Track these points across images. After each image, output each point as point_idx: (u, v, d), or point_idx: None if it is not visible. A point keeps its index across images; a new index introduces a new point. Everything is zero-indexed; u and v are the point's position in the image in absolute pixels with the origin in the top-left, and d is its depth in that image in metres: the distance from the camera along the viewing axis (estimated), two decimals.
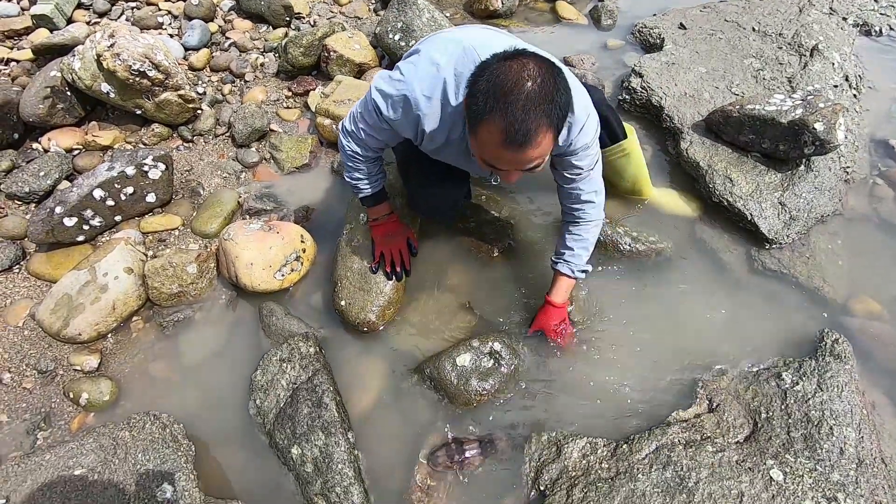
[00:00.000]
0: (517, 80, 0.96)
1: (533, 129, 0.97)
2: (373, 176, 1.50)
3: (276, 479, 1.38)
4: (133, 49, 1.96)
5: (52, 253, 1.82)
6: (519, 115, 0.96)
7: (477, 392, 1.47)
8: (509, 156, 1.03)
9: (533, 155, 1.03)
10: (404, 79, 1.20)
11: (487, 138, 1.02)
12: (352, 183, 1.51)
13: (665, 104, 2.13)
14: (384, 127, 1.29)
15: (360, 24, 2.78)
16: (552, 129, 1.00)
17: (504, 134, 0.98)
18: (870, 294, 1.66)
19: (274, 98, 2.42)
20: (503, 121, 0.97)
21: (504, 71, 0.97)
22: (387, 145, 1.43)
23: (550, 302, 1.53)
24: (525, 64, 0.98)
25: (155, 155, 1.94)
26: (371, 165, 1.47)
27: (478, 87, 1.00)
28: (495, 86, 0.97)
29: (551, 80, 0.98)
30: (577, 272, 1.49)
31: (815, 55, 2.26)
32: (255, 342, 1.64)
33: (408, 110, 1.21)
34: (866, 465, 1.25)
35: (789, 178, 1.84)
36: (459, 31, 1.29)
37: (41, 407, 1.54)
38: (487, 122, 1.00)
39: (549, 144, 1.03)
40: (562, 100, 1.00)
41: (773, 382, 1.42)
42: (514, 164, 1.07)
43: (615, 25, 2.81)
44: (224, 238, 1.74)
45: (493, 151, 1.05)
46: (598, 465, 1.31)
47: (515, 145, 0.99)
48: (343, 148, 1.43)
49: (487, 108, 0.98)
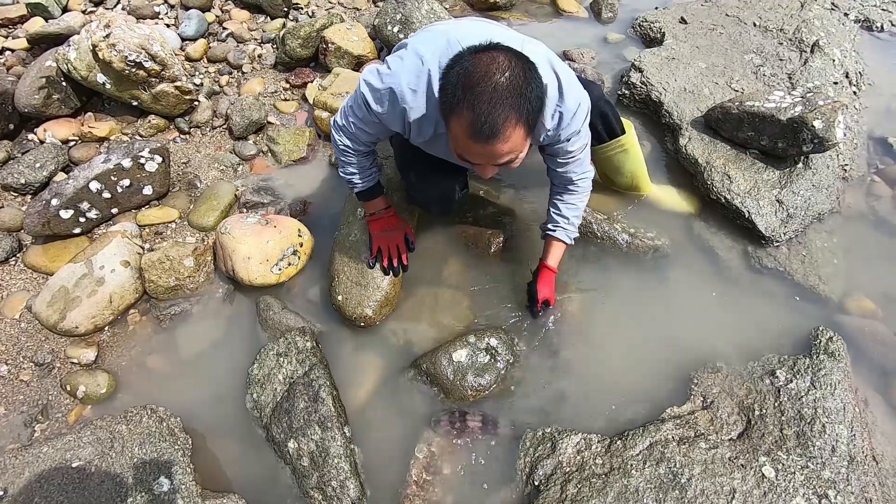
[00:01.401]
0: (485, 74, 0.96)
1: (500, 123, 0.97)
2: (366, 170, 1.50)
3: (272, 473, 1.38)
4: (129, 39, 1.94)
5: (48, 245, 1.82)
6: (485, 109, 0.96)
7: (473, 387, 1.47)
8: (478, 149, 1.03)
9: (502, 149, 1.02)
10: (391, 72, 1.20)
11: (457, 131, 1.03)
12: (346, 177, 1.52)
13: (664, 100, 2.12)
14: (373, 120, 1.29)
15: (359, 16, 2.75)
16: (522, 123, 1.00)
17: (471, 127, 0.98)
18: (865, 292, 1.67)
19: (271, 90, 2.40)
20: (471, 113, 0.97)
21: (474, 64, 0.98)
22: (378, 139, 1.42)
23: (548, 267, 1.57)
24: (495, 58, 0.98)
25: (151, 147, 1.92)
26: (364, 159, 1.47)
27: (448, 80, 1.01)
28: (464, 78, 0.98)
29: (521, 75, 0.98)
30: (572, 238, 1.55)
31: (815, 51, 2.25)
32: (252, 336, 1.65)
33: (394, 103, 1.20)
34: (857, 462, 1.26)
35: (787, 176, 1.84)
36: (448, 24, 1.29)
37: (38, 399, 1.54)
38: (456, 115, 1.00)
39: (519, 138, 1.03)
40: (533, 94, 0.99)
41: (767, 380, 1.43)
42: (485, 158, 1.06)
43: (616, 19, 2.79)
44: (221, 232, 1.74)
45: (463, 144, 1.05)
46: (593, 461, 1.32)
47: (483, 138, 0.99)
48: (336, 143, 1.43)
49: (456, 100, 0.99)
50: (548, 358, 1.56)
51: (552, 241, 1.55)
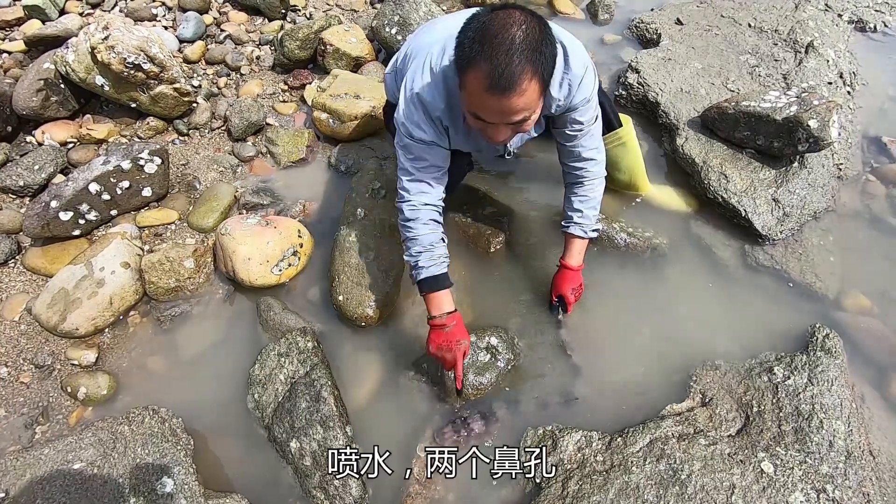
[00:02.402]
0: (503, 26, 0.98)
1: (517, 74, 0.98)
2: (433, 248, 1.37)
3: (274, 473, 1.39)
4: (128, 41, 1.94)
5: (47, 247, 1.81)
6: (503, 60, 0.97)
7: (473, 386, 1.48)
8: (494, 102, 1.03)
9: (518, 103, 1.03)
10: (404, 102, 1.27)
11: (473, 85, 1.03)
12: (410, 261, 1.39)
13: (661, 100, 2.13)
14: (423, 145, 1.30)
15: (357, 18, 2.76)
16: (537, 77, 1.01)
17: (489, 79, 0.99)
18: (860, 289, 1.68)
19: (270, 92, 2.41)
20: (488, 65, 0.98)
21: (491, 19, 1.00)
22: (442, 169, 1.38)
23: (567, 266, 1.54)
24: (511, 13, 1.00)
25: (150, 149, 1.93)
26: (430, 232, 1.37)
27: (466, 35, 1.03)
28: (481, 33, 1.00)
29: (537, 30, 1.00)
30: (590, 232, 1.51)
31: (810, 52, 2.28)
32: (253, 337, 1.65)
33: (426, 112, 1.25)
34: (855, 457, 1.28)
35: (783, 175, 1.86)
36: (439, 29, 1.31)
37: (39, 401, 1.54)
38: (473, 68, 1.01)
39: (534, 94, 1.04)
40: (548, 51, 1.01)
41: (765, 377, 1.44)
42: (499, 115, 1.07)
43: (612, 20, 2.81)
44: (221, 233, 1.74)
45: (478, 99, 1.05)
46: (593, 458, 1.33)
47: (500, 90, 1.00)
48: (401, 223, 1.39)
49: (473, 53, 1.00)
50: (548, 356, 1.56)
51: (569, 238, 1.53)
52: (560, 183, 1.57)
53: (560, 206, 1.85)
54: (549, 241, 1.82)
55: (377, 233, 1.74)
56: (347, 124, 2.13)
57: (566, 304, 1.56)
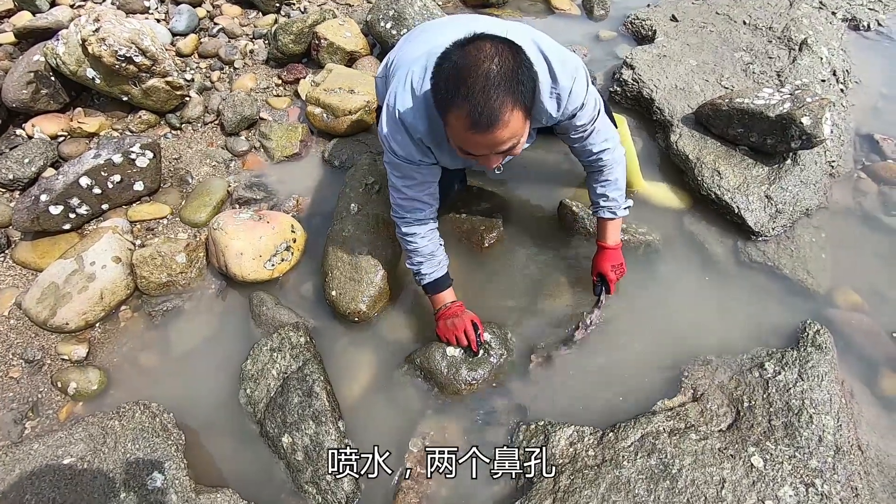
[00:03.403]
0: (475, 63, 0.97)
1: (497, 109, 0.97)
2: (433, 256, 1.46)
3: (266, 468, 1.38)
4: (119, 34, 1.92)
5: (37, 241, 1.80)
6: (481, 98, 0.96)
7: (466, 381, 1.48)
8: (479, 139, 1.03)
9: (503, 136, 1.02)
10: (385, 116, 1.25)
11: (456, 126, 1.03)
12: (413, 269, 1.49)
13: (656, 97, 2.14)
14: (409, 164, 1.30)
15: (352, 12, 2.74)
16: (518, 106, 1.00)
17: (469, 118, 0.99)
18: (852, 286, 1.69)
19: (264, 86, 2.39)
20: (467, 105, 0.98)
21: (462, 57, 0.98)
22: (433, 185, 1.41)
23: (604, 245, 1.55)
24: (481, 47, 0.98)
25: (142, 142, 1.91)
26: (428, 242, 1.45)
27: (439, 77, 1.02)
28: (454, 73, 0.98)
29: (510, 59, 0.98)
30: (620, 211, 1.52)
31: (804, 49, 2.28)
32: (246, 332, 1.64)
33: (406, 133, 1.23)
34: (843, 452, 1.29)
35: (776, 172, 1.86)
36: (423, 42, 1.29)
37: (29, 396, 1.53)
38: (452, 110, 1.01)
39: (518, 123, 1.03)
40: (525, 77, 1.00)
41: (756, 372, 1.45)
42: (487, 148, 1.07)
43: (608, 16, 2.81)
44: (213, 227, 1.73)
45: (463, 137, 1.05)
46: (585, 453, 1.33)
47: (482, 128, 0.99)
48: (400, 237, 1.47)
49: (449, 95, 1.00)
50: (540, 352, 1.56)
51: (601, 221, 1.55)
52: (554, 177, 1.58)
53: (554, 202, 1.87)
54: (542, 237, 1.82)
55: (371, 228, 1.73)
56: (341, 119, 2.12)
57: (608, 284, 1.56)
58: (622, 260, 1.57)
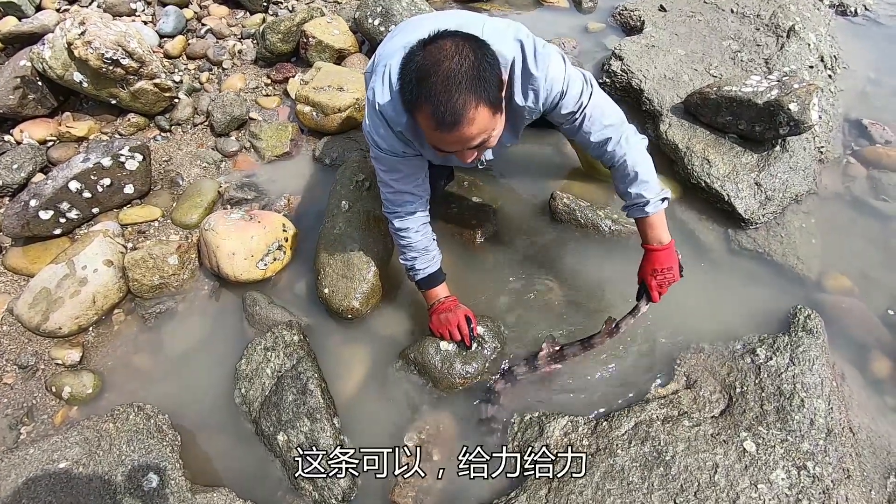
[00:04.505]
0: (436, 63, 0.97)
1: (460, 108, 0.98)
2: (427, 252, 1.46)
3: (262, 466, 1.39)
4: (105, 37, 1.91)
5: (28, 247, 1.80)
6: (443, 97, 0.97)
7: (461, 375, 1.49)
8: (447, 137, 1.04)
9: (470, 132, 1.02)
10: (368, 112, 1.26)
11: (423, 124, 1.05)
12: (407, 264, 1.49)
13: (645, 87, 2.14)
14: (394, 157, 1.30)
15: (340, 9, 2.73)
16: (483, 102, 1.00)
17: (434, 118, 1.00)
18: (841, 270, 1.70)
19: (253, 86, 2.39)
20: (430, 105, 0.99)
21: (424, 57, 0.99)
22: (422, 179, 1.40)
23: (646, 247, 1.38)
24: (441, 46, 0.99)
25: (132, 145, 1.91)
26: (421, 237, 1.44)
27: (405, 80, 1.03)
28: (417, 74, 0.99)
29: (472, 56, 0.98)
30: (652, 206, 1.33)
31: (791, 36, 2.28)
32: (239, 332, 1.64)
33: (388, 126, 1.23)
34: (835, 434, 1.30)
35: (765, 159, 1.87)
36: (401, 36, 1.28)
37: (23, 402, 1.53)
38: (418, 110, 1.02)
39: (485, 118, 1.03)
40: (488, 73, 1.00)
41: (748, 358, 1.46)
42: (457, 145, 1.07)
43: (596, 8, 2.80)
44: (205, 228, 1.73)
45: (432, 136, 1.06)
46: (580, 443, 1.34)
47: (448, 126, 1.00)
48: (393, 232, 1.47)
49: (414, 96, 1.01)
50: (533, 343, 1.57)
51: (637, 221, 1.39)
52: (545, 170, 1.58)
53: (545, 195, 1.88)
54: (534, 231, 1.83)
55: (362, 225, 1.73)
56: (331, 117, 2.12)
57: (648, 292, 1.40)
58: (672, 263, 1.37)
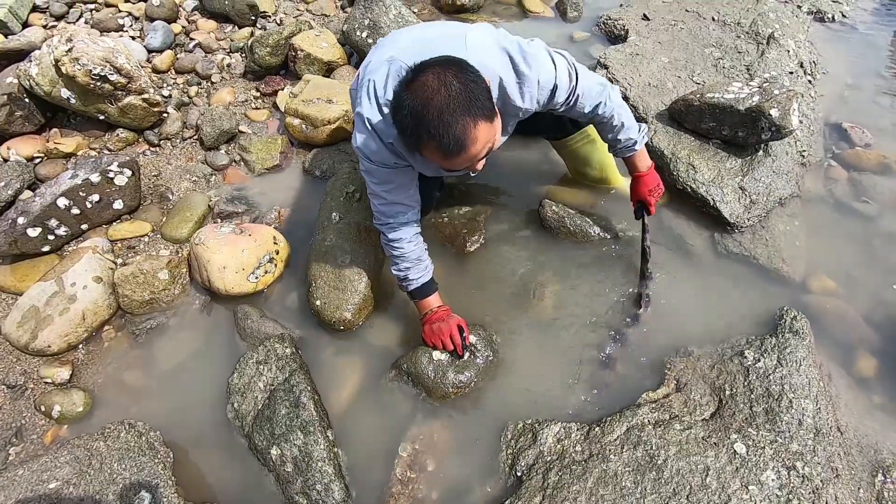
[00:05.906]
0: (424, 103, 1.01)
1: (461, 134, 1.02)
2: (419, 262, 1.48)
3: (256, 481, 1.38)
4: (93, 53, 1.92)
5: (16, 265, 1.78)
6: (443, 130, 1.01)
7: (454, 385, 1.49)
8: (456, 161, 1.08)
9: (477, 149, 1.07)
10: (357, 129, 1.28)
11: (432, 157, 1.09)
12: (399, 275, 1.49)
13: (630, 94, 2.17)
14: (385, 168, 1.32)
15: (328, 22, 2.76)
16: (480, 118, 1.04)
17: (440, 150, 1.04)
18: (826, 272, 1.73)
19: (242, 99, 2.40)
20: (433, 141, 1.03)
21: (412, 98, 1.03)
22: (413, 189, 1.42)
23: (637, 174, 1.63)
24: (424, 83, 1.02)
25: (120, 161, 1.90)
26: (413, 247, 1.46)
27: (402, 124, 1.07)
28: (411, 116, 1.03)
29: (455, 81, 1.02)
30: (639, 144, 1.58)
31: (771, 43, 2.34)
32: (231, 346, 1.64)
33: (379, 140, 1.26)
34: (823, 434, 1.31)
35: (749, 164, 1.90)
36: (384, 47, 1.31)
37: (12, 422, 1.51)
38: (423, 147, 1.07)
39: (486, 133, 1.07)
40: (477, 90, 1.04)
41: (737, 360, 1.48)
42: (468, 162, 1.11)
43: (581, 17, 2.85)
44: (195, 243, 1.73)
45: (442, 163, 1.11)
46: (572, 449, 1.35)
47: (454, 154, 1.05)
48: (385, 244, 1.48)
49: (415, 137, 1.05)
50: (526, 350, 1.58)
51: (625, 159, 1.63)
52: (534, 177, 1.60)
53: (535, 203, 1.90)
54: (524, 239, 1.84)
55: (353, 236, 1.74)
56: (321, 129, 2.13)
57: (648, 208, 1.66)
58: (659, 181, 1.65)
